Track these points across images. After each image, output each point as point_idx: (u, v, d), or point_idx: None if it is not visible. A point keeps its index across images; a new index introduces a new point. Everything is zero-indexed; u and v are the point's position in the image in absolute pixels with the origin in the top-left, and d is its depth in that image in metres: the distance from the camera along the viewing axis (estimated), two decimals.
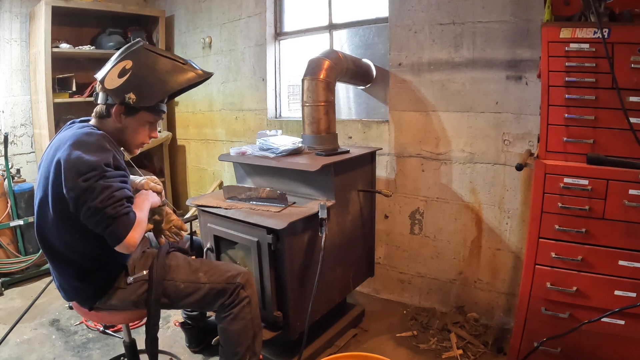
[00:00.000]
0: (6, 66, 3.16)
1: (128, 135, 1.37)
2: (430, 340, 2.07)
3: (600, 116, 1.43)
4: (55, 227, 1.30)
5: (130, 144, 1.40)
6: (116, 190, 1.19)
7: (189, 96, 3.62)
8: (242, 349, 1.48)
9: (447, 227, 2.31)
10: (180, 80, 1.35)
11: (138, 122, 1.35)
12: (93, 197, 1.16)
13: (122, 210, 1.19)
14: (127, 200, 1.23)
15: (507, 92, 2.03)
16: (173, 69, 1.35)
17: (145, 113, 1.34)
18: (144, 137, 1.41)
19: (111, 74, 1.31)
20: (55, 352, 2.04)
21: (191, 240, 1.81)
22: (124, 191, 1.22)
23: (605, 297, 1.42)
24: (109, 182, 1.19)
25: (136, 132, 1.37)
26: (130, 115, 1.33)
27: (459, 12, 2.10)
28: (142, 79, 1.30)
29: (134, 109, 1.32)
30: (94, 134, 1.26)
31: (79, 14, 3.24)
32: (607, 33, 1.37)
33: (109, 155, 1.23)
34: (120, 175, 1.24)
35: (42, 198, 1.31)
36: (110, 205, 1.17)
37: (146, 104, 1.31)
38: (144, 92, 1.30)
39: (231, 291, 1.46)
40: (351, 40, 2.66)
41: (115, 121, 1.34)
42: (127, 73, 1.29)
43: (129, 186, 1.29)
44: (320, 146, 2.03)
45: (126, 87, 1.29)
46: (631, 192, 1.36)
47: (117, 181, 1.21)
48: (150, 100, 1.30)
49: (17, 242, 2.84)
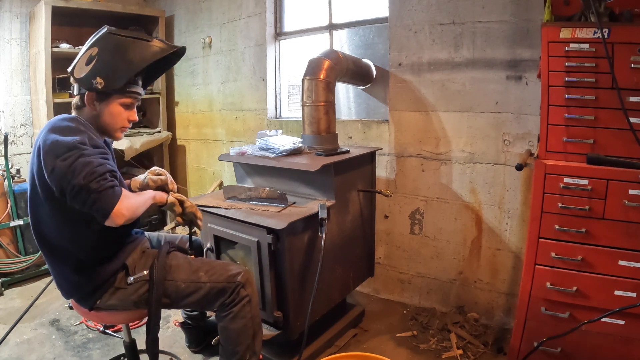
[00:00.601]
0: (6, 66, 3.16)
1: (105, 120, 1.37)
2: (430, 340, 2.07)
3: (600, 116, 1.43)
4: (49, 217, 1.31)
5: (109, 129, 1.39)
6: (97, 165, 1.19)
7: (189, 96, 3.63)
8: (242, 348, 1.48)
9: (447, 227, 2.31)
10: (146, 57, 1.33)
11: (112, 106, 1.35)
12: (75, 175, 1.16)
13: (105, 184, 1.18)
14: (110, 175, 1.22)
15: (507, 92, 2.03)
16: (137, 47, 1.33)
17: (117, 96, 1.34)
18: (122, 121, 1.40)
19: (79, 64, 1.33)
20: (55, 352, 2.04)
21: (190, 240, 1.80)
22: (105, 166, 1.22)
23: (605, 297, 1.42)
24: (89, 159, 1.19)
25: (112, 116, 1.37)
26: (102, 100, 1.34)
27: (459, 12, 2.10)
28: (108, 62, 1.30)
29: (105, 94, 1.33)
30: (67, 118, 1.29)
31: (79, 14, 3.24)
32: (607, 33, 1.37)
33: (84, 135, 1.24)
34: (99, 152, 1.24)
35: (32, 192, 1.33)
36: (93, 180, 1.16)
37: (115, 87, 1.31)
38: (111, 75, 1.30)
39: (231, 290, 1.46)
40: (351, 40, 2.66)
41: (90, 109, 1.35)
42: (93, 60, 1.30)
43: (111, 162, 1.29)
44: (320, 146, 2.03)
45: (93, 74, 1.30)
46: (631, 192, 1.36)
47: (96, 157, 1.21)
48: (118, 82, 1.30)
49: (17, 242, 2.84)
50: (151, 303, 1.40)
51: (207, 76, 3.42)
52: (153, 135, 3.50)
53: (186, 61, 3.60)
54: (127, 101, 1.38)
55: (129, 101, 1.38)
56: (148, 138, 3.41)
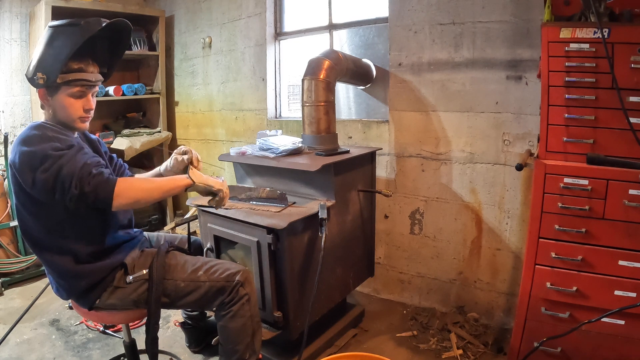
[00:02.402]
0: (6, 66, 3.16)
1: (60, 114, 1.35)
2: (430, 340, 2.07)
3: (600, 116, 1.43)
4: (34, 218, 1.32)
5: (66, 121, 1.36)
6: (80, 167, 1.18)
7: (189, 96, 3.63)
8: (241, 346, 1.48)
9: (447, 227, 2.31)
10: (75, 40, 1.27)
11: (61, 97, 1.32)
12: (66, 188, 1.17)
13: (94, 181, 1.18)
14: (95, 167, 1.21)
15: (507, 92, 2.03)
16: (66, 33, 1.28)
17: (64, 87, 1.31)
18: (76, 111, 1.35)
19: (30, 65, 1.32)
20: (55, 352, 2.04)
21: (189, 239, 1.81)
22: (87, 162, 1.20)
23: (605, 297, 1.42)
24: (70, 165, 1.18)
25: (64, 108, 1.34)
26: (53, 94, 1.32)
27: (459, 12, 2.10)
28: (43, 56, 1.29)
29: (54, 88, 1.31)
30: (33, 126, 1.28)
31: (79, 14, 3.24)
32: (607, 33, 1.37)
33: (54, 141, 1.23)
34: (75, 151, 1.23)
35: (16, 201, 1.34)
36: (85, 184, 1.17)
37: (54, 78, 1.27)
38: (48, 67, 1.27)
39: (230, 289, 1.46)
40: (351, 40, 2.66)
41: (46, 106, 1.35)
42: (34, 56, 1.31)
43: (89, 155, 1.28)
44: (320, 146, 2.03)
45: (35, 70, 1.29)
46: (631, 192, 1.36)
47: (74, 158, 1.20)
48: (54, 73, 1.27)
49: (17, 242, 2.84)
50: (150, 302, 1.40)
51: (207, 76, 3.42)
52: (153, 135, 3.50)
53: (186, 61, 3.60)
54: (74, 91, 1.32)
55: (77, 90, 1.33)
56: (148, 138, 3.41)
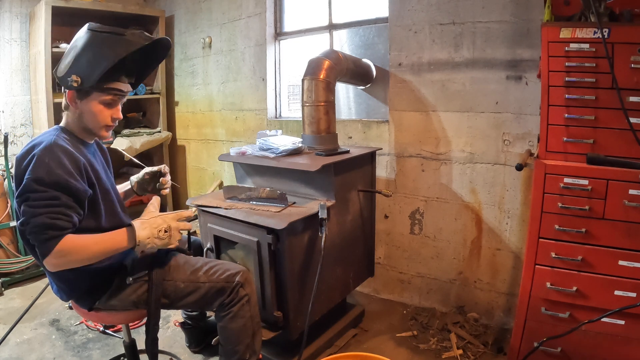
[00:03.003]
0: (6, 66, 3.16)
1: (87, 119, 1.35)
2: (430, 340, 2.07)
3: (600, 116, 1.43)
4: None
5: (92, 127, 1.37)
6: (33, 216, 1.17)
7: (189, 96, 3.63)
8: (241, 347, 1.48)
9: (447, 227, 2.31)
10: (118, 51, 1.27)
11: (92, 103, 1.33)
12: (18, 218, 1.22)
13: (39, 237, 1.17)
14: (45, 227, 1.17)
15: (507, 92, 2.03)
16: (111, 41, 1.28)
17: (97, 94, 1.32)
18: (104, 119, 1.36)
19: (61, 63, 1.33)
20: (55, 352, 2.04)
21: (189, 239, 1.80)
22: (41, 218, 1.17)
23: (605, 297, 1.42)
24: (30, 210, 1.17)
25: (93, 114, 1.34)
26: (83, 99, 1.32)
27: (459, 12, 2.10)
28: (82, 59, 1.28)
29: (84, 92, 1.31)
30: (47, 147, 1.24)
31: (79, 14, 3.24)
32: (607, 33, 1.37)
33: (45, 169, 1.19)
34: (46, 198, 1.18)
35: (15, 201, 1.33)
36: (28, 230, 1.19)
37: (89, 84, 1.28)
38: (85, 72, 1.27)
39: (230, 290, 1.46)
40: (351, 40, 2.66)
41: (73, 108, 1.34)
42: (70, 57, 1.30)
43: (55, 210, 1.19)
44: (320, 146, 2.03)
45: (69, 72, 1.28)
46: (631, 192, 1.36)
47: (37, 205, 1.18)
48: (92, 79, 1.27)
49: (17, 242, 2.84)
50: (150, 303, 1.40)
51: (207, 76, 3.42)
52: (153, 135, 3.50)
53: (186, 61, 3.60)
54: (107, 98, 1.33)
55: (109, 98, 1.34)
56: (148, 138, 3.41)
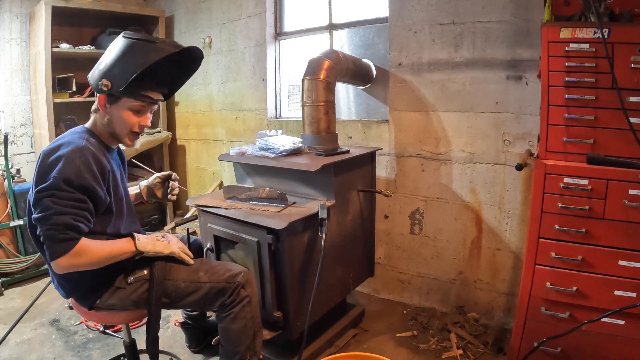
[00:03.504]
0: (6, 66, 3.16)
1: (115, 124, 1.37)
2: (430, 340, 2.07)
3: (600, 116, 1.43)
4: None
5: (119, 133, 1.39)
6: (56, 213, 1.18)
7: (189, 96, 3.63)
8: (242, 348, 1.48)
9: (447, 227, 2.31)
10: (148, 58, 1.29)
11: (121, 109, 1.35)
12: (38, 211, 1.20)
13: (57, 235, 1.19)
14: (67, 227, 1.19)
15: (507, 92, 2.03)
16: (142, 49, 1.30)
17: (126, 99, 1.34)
18: (131, 126, 1.38)
19: (95, 69, 1.35)
20: (55, 352, 2.04)
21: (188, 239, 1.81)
22: (66, 218, 1.19)
23: (605, 297, 1.42)
24: (55, 206, 1.18)
25: (122, 120, 1.36)
26: (113, 103, 1.34)
27: (459, 12, 2.10)
28: (113, 65, 1.30)
29: (115, 97, 1.33)
30: (77, 149, 1.26)
31: (79, 14, 3.24)
32: (607, 33, 1.37)
33: (74, 170, 1.21)
34: (74, 199, 1.21)
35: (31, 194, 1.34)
36: (47, 225, 1.19)
37: (119, 88, 1.29)
38: (115, 76, 1.29)
39: (231, 290, 1.46)
40: (351, 40, 2.66)
41: (102, 112, 1.36)
42: (102, 62, 1.32)
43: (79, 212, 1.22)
44: (320, 146, 2.03)
45: (100, 76, 1.30)
46: (631, 192, 1.36)
47: (64, 204, 1.19)
48: (120, 84, 1.28)
49: (17, 242, 2.84)
50: (151, 302, 1.40)
51: (207, 76, 3.42)
52: (153, 135, 3.50)
53: None
54: (136, 105, 1.35)
55: (139, 105, 1.36)
56: (148, 138, 3.41)
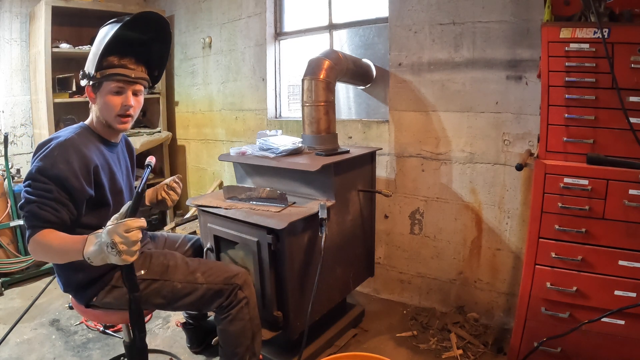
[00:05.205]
0: (6, 66, 3.16)
1: (103, 110, 1.37)
2: (430, 340, 2.07)
3: (600, 116, 1.43)
4: None
5: (107, 119, 1.38)
6: (28, 202, 1.21)
7: (189, 96, 3.63)
8: (241, 349, 1.48)
9: (447, 227, 2.31)
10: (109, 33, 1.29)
11: (104, 94, 1.35)
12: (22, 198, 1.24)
13: (26, 222, 1.22)
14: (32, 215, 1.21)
15: (507, 92, 2.03)
16: (107, 30, 1.32)
17: (106, 84, 1.34)
18: (115, 107, 1.36)
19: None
20: (55, 352, 2.04)
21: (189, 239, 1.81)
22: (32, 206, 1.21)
23: (605, 297, 1.42)
24: (28, 196, 1.22)
25: (106, 104, 1.36)
26: (97, 91, 1.36)
27: (459, 12, 2.10)
28: (90, 54, 1.34)
29: (97, 85, 1.34)
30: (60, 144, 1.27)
31: (79, 14, 3.24)
32: (607, 33, 1.37)
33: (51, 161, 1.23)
34: (43, 189, 1.21)
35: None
36: (22, 212, 1.23)
37: (91, 72, 1.31)
38: (90, 63, 1.33)
39: (229, 292, 1.45)
40: (351, 40, 2.66)
41: (92, 103, 1.39)
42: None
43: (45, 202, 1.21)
44: (320, 146, 2.03)
45: (84, 66, 1.35)
46: (631, 192, 1.36)
47: (35, 194, 1.21)
48: (93, 67, 1.31)
49: (17, 242, 2.84)
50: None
51: (207, 76, 3.42)
52: (153, 135, 3.50)
53: (186, 61, 3.60)
54: (114, 87, 1.34)
55: (115, 85, 1.34)
56: (148, 138, 3.41)
